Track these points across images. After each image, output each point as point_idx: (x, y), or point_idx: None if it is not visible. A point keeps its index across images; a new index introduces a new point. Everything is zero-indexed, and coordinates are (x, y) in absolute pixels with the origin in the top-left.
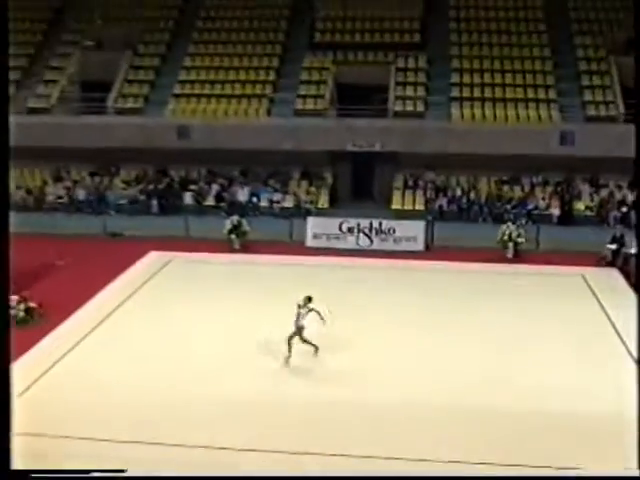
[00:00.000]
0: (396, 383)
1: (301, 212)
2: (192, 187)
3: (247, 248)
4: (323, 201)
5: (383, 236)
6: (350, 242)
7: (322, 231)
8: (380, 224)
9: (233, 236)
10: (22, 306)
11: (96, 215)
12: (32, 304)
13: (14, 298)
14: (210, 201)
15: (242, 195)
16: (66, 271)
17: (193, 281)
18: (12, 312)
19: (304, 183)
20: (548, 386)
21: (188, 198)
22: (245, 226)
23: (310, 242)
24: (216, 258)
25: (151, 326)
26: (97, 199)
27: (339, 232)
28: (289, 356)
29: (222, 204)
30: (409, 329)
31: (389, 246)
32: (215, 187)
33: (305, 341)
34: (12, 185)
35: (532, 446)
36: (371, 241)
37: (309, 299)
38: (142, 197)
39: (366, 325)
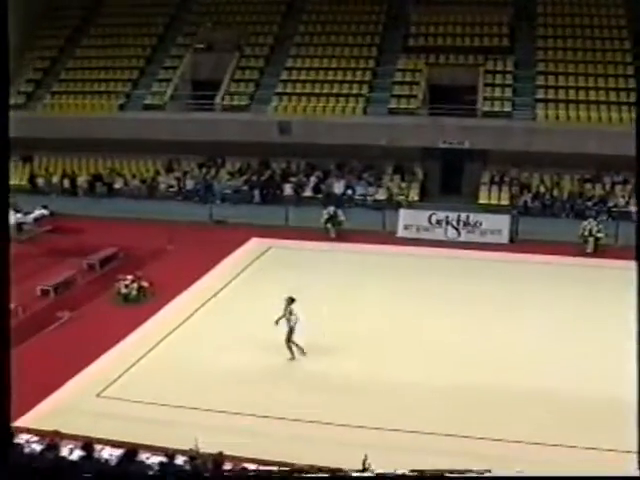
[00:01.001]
0: (461, 367)
1: (393, 204)
2: (292, 179)
3: (342, 237)
4: (414, 194)
5: (470, 229)
6: (439, 234)
7: (412, 223)
8: (467, 217)
9: (329, 225)
10: (135, 285)
11: (203, 203)
12: (144, 283)
13: (129, 277)
14: (308, 192)
15: (338, 187)
16: (175, 254)
17: (291, 267)
18: (125, 290)
19: (396, 177)
20: (610, 371)
21: (288, 189)
22: (341, 216)
23: (401, 233)
24: (313, 246)
25: (251, 308)
26: (204, 189)
27: (428, 224)
28: (292, 357)
29: (319, 195)
30: (476, 314)
31: (475, 238)
32: (313, 179)
33: (290, 342)
34: (128, 175)
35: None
36: (458, 233)
37: (292, 300)
38: (245, 187)
39: (439, 309)
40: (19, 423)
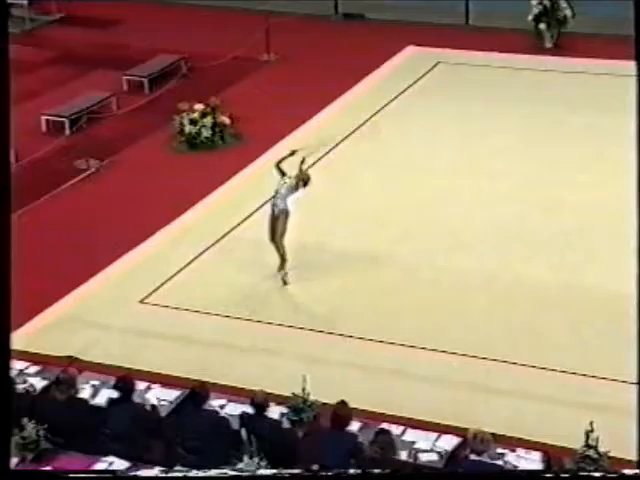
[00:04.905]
0: None
1: None
2: None
3: (566, 46)
4: None
5: None
6: None
7: None
8: None
9: (542, 26)
10: (208, 120)
11: None
12: (223, 118)
13: (198, 107)
14: None
15: None
16: (274, 70)
17: (472, 97)
18: (192, 128)
19: None
20: None
21: None
22: (564, 9)
23: None
24: (510, 61)
25: (396, 165)
26: None
27: None
28: (284, 272)
29: None
30: None
31: None
32: None
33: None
34: None
35: None
36: None
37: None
38: None
39: None
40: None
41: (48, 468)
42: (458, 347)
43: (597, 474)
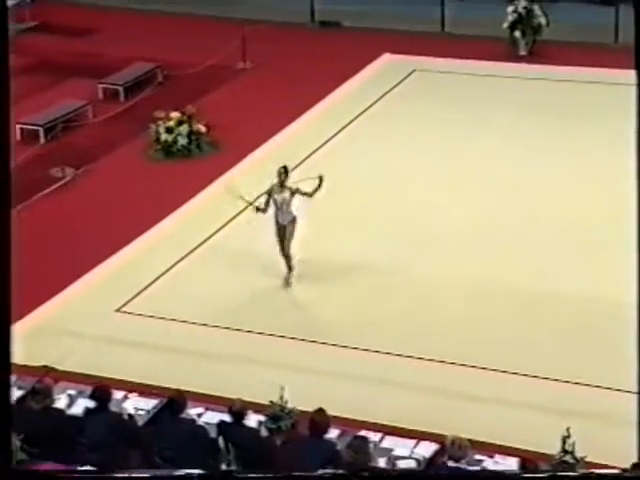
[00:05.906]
0: None
1: None
2: None
3: (540, 53)
4: None
5: None
6: None
7: None
8: None
9: (517, 33)
10: (184, 128)
11: None
12: (199, 126)
13: (174, 115)
14: None
15: None
16: (250, 78)
17: (450, 104)
18: (168, 136)
19: None
20: None
21: None
22: (539, 17)
23: None
24: (486, 68)
25: (372, 172)
26: None
27: None
28: (289, 276)
29: None
30: None
31: None
32: None
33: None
34: None
35: None
36: None
37: (285, 171)
38: None
39: None
40: None
41: None
42: (441, 354)
43: (574, 473)
